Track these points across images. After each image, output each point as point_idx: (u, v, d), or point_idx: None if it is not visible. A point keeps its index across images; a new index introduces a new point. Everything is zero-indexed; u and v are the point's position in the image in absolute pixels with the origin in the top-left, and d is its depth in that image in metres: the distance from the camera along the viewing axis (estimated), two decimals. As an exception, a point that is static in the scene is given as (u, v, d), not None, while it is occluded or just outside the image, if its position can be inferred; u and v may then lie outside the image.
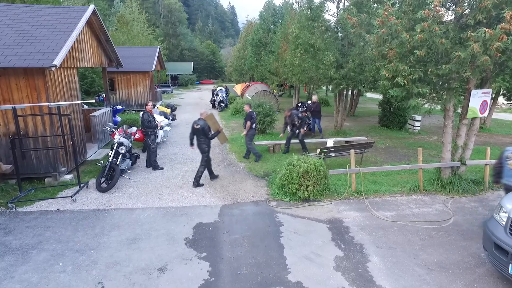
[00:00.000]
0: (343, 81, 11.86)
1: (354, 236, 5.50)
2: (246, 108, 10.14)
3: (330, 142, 9.40)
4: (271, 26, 26.50)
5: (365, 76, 11.65)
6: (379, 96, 33.27)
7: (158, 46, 23.50)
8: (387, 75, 6.21)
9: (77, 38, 8.53)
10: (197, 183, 7.78)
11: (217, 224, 5.90)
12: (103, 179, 7.47)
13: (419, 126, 14.91)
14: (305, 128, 11.33)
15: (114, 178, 7.40)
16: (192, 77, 52.58)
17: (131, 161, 8.76)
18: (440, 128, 16.39)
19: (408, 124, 15.32)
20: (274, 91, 22.58)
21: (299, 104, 14.90)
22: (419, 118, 14.83)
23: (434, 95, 6.59)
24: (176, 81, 50.48)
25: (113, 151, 7.83)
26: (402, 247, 5.13)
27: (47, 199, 6.77)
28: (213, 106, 23.63)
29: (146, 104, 8.95)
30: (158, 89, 25.29)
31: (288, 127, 10.92)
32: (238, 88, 32.37)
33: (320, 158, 8.07)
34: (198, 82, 57.26)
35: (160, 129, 10.59)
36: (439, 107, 7.68)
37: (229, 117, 19.17)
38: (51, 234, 5.35)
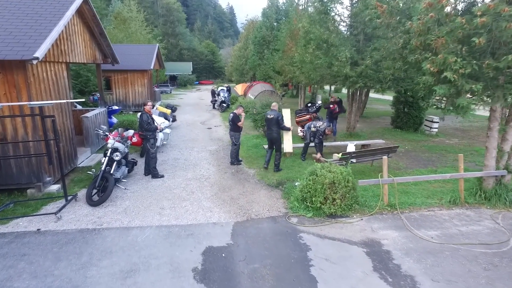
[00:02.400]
0: (359, 79, 10.86)
1: (401, 264, 4.49)
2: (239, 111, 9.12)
3: (351, 147, 8.42)
4: (275, 24, 25.50)
5: (383, 74, 10.65)
6: (383, 97, 32.35)
7: (157, 44, 22.47)
8: (431, 69, 5.21)
9: (65, 28, 7.51)
10: (278, 168, 8.57)
11: (231, 248, 4.87)
12: (94, 191, 6.44)
13: (437, 128, 13.93)
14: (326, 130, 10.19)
15: (108, 190, 6.37)
16: (191, 77, 51.48)
17: (127, 169, 7.73)
18: (457, 130, 15.45)
19: (425, 126, 14.34)
20: (278, 91, 21.61)
21: (309, 104, 13.91)
22: (437, 119, 13.85)
23: (488, 92, 5.56)
24: (175, 81, 49.39)
25: (107, 157, 6.80)
26: (464, 281, 4.13)
27: (27, 215, 5.72)
28: (214, 107, 22.63)
29: (145, 104, 7.92)
30: (156, 89, 24.26)
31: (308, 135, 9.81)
32: (239, 88, 31.43)
33: (344, 165, 7.07)
34: (197, 82, 56.19)
35: (160, 131, 9.55)
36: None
37: (232, 118, 18.08)
38: (26, 265, 4.30)
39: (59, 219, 5.61)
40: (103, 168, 6.61)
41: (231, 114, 9.11)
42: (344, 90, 36.51)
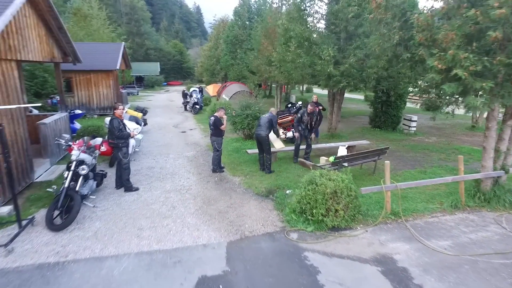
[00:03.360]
0: (343, 78, 10.50)
1: (423, 285, 4.00)
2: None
3: (342, 150, 7.97)
4: (247, 23, 24.85)
5: (367, 73, 10.38)
6: (354, 96, 32.82)
7: (123, 43, 20.97)
8: (439, 66, 4.81)
9: (14, 19, 6.35)
10: (269, 170, 8.20)
11: (228, 276, 4.14)
12: (56, 212, 5.40)
13: (415, 127, 14.00)
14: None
15: (73, 211, 5.36)
16: (159, 78, 49.60)
17: (95, 182, 6.70)
18: (433, 128, 15.71)
19: (403, 124, 14.38)
20: (254, 92, 21.00)
21: (289, 105, 13.45)
22: (415, 118, 13.93)
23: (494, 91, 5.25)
24: (141, 82, 47.30)
25: (71, 172, 5.76)
26: (495, 301, 3.71)
27: (-31, 249, 4.61)
28: (185, 109, 21.62)
29: (115, 108, 6.89)
30: (123, 91, 22.73)
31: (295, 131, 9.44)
32: (210, 89, 30.58)
33: (339, 170, 6.57)
34: (165, 83, 54.27)
35: (133, 138, 8.54)
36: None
37: (207, 120, 17.19)
38: (-36, 323, 3.31)
39: (10, 252, 4.55)
40: (66, 185, 5.58)
41: (212, 118, 8.34)
42: (317, 90, 36.51)
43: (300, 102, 13.39)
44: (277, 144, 8.54)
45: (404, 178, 8.09)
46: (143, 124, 11.86)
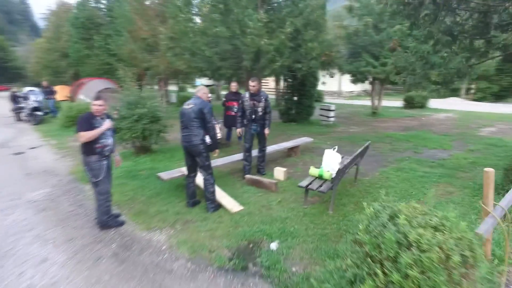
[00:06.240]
0: (276, 56, 7.64)
1: None
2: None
3: (334, 156, 4.99)
4: (103, 1, 18.96)
5: (306, 49, 7.89)
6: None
7: None
8: None
9: None
10: (214, 205, 4.65)
11: None
12: None
13: (334, 117, 12.61)
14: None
15: None
16: (-32, 81, 35.52)
17: None
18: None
19: (321, 115, 12.81)
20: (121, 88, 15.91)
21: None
22: (333, 107, 12.53)
23: None
24: None
25: None
26: None
27: None
28: (19, 119, 14.77)
29: None
30: None
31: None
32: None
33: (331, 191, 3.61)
34: (-18, 89, 39.55)
35: None
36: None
37: (62, 131, 11.55)
38: None
39: None
40: None
41: (84, 117, 3.98)
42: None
43: (247, 93, 9.86)
44: (226, 201, 4.87)
45: (396, 182, 5.96)
46: None
